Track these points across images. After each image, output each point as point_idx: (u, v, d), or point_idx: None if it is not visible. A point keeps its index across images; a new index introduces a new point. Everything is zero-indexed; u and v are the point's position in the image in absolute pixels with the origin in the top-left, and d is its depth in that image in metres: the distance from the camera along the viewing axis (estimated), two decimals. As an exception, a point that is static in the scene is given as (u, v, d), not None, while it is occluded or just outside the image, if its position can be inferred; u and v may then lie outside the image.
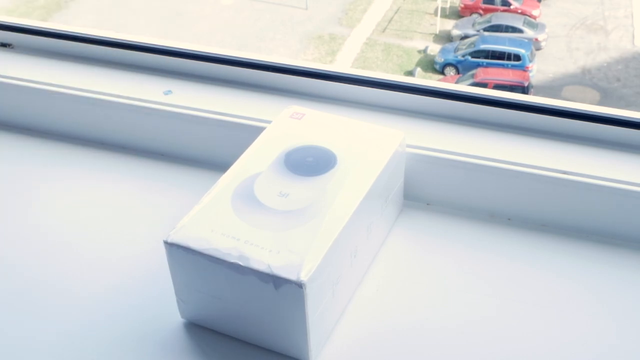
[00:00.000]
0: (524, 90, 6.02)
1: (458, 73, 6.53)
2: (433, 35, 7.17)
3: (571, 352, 0.50)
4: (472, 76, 6.26)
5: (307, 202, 0.50)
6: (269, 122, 0.61)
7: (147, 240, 0.59)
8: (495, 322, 0.52)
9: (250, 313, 0.49)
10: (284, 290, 0.45)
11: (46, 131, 0.73)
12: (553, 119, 0.63)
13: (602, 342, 0.51)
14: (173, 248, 0.48)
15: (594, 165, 0.59)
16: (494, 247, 0.59)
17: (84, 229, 0.61)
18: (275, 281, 0.45)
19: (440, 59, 6.69)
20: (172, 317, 0.53)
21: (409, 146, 0.61)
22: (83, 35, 0.74)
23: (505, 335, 0.51)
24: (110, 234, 0.61)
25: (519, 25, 6.88)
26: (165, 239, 0.48)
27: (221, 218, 0.49)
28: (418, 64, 6.76)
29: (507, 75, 6.27)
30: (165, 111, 0.67)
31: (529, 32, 6.82)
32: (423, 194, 0.63)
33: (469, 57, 6.53)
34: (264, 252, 0.46)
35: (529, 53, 6.42)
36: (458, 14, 7.44)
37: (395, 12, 7.51)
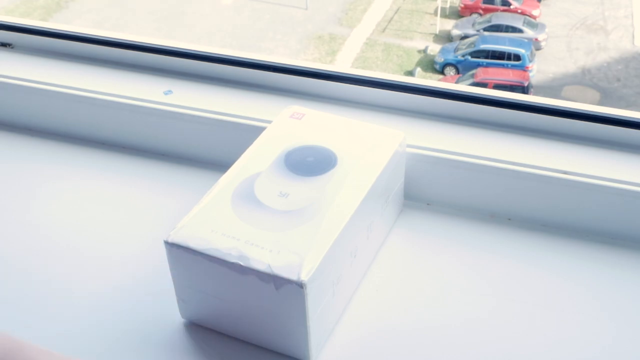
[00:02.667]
0: (524, 90, 6.02)
1: (458, 73, 6.53)
2: (433, 35, 7.17)
3: (571, 352, 0.50)
4: (472, 76, 6.26)
5: (307, 202, 0.50)
6: (269, 122, 0.61)
7: (147, 239, 0.59)
8: (495, 322, 0.52)
9: (251, 313, 0.49)
10: (284, 290, 0.45)
11: (46, 131, 0.73)
12: (553, 119, 0.63)
13: (602, 341, 0.51)
14: (173, 248, 0.48)
15: (594, 165, 0.59)
16: (494, 247, 0.59)
17: (84, 229, 0.61)
18: (276, 281, 0.45)
19: (440, 59, 6.69)
20: (173, 317, 0.53)
21: (409, 146, 0.61)
22: (83, 35, 0.74)
23: (505, 335, 0.51)
24: (111, 234, 0.61)
25: (519, 25, 6.88)
26: (165, 239, 0.48)
27: (221, 218, 0.49)
28: (418, 64, 6.76)
29: (507, 75, 6.27)
30: (165, 111, 0.67)
31: (529, 32, 6.82)
32: (423, 194, 0.63)
33: (469, 57, 6.53)
34: (264, 252, 0.46)
35: (529, 53, 6.42)
36: (458, 14, 7.44)
37: (395, 12, 7.51)
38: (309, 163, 0.54)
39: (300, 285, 0.45)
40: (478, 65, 6.44)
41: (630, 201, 0.57)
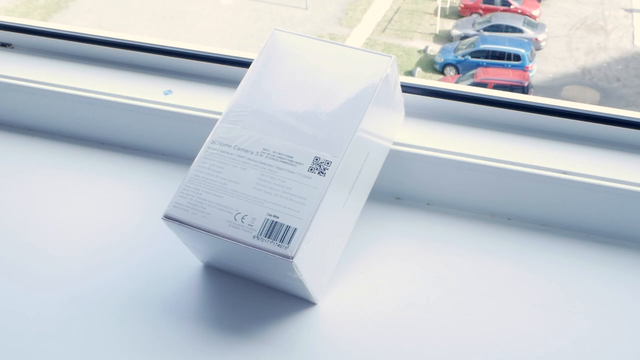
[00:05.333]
0: (524, 90, 6.01)
1: (458, 73, 6.53)
2: (433, 35, 7.16)
3: (571, 352, 0.50)
4: (472, 76, 6.25)
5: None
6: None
7: (149, 232, 0.59)
8: (494, 322, 0.52)
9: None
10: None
11: (46, 131, 0.73)
12: (553, 119, 0.63)
13: (602, 341, 0.51)
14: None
15: (594, 165, 0.59)
16: (494, 247, 0.59)
17: (84, 228, 0.61)
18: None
19: (440, 59, 6.68)
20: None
21: (408, 146, 0.61)
22: (83, 35, 0.74)
23: (504, 335, 0.51)
24: (111, 232, 0.61)
25: (519, 25, 6.87)
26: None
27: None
28: (418, 64, 6.75)
29: (507, 75, 6.26)
30: (165, 111, 0.67)
31: (529, 32, 6.81)
32: (423, 194, 0.63)
33: (469, 57, 6.52)
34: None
35: (529, 53, 6.41)
36: (458, 14, 7.44)
37: (395, 12, 7.50)
38: None
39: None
40: (478, 65, 6.43)
41: (630, 201, 0.57)
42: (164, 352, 0.51)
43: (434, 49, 6.94)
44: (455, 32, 7.13)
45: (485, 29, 6.99)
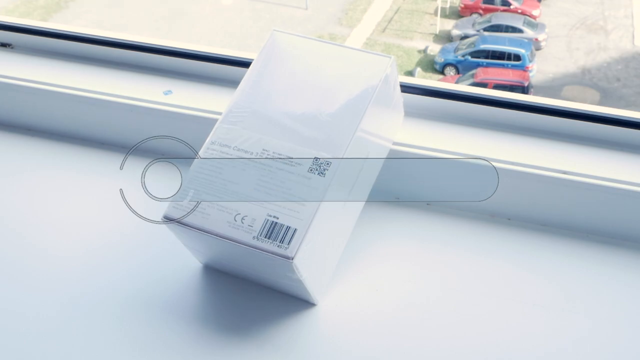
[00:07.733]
0: (524, 90, 6.01)
1: (458, 73, 6.53)
2: (433, 35, 7.16)
3: (571, 352, 0.50)
4: (472, 76, 6.25)
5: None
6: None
7: (149, 230, 0.59)
8: (494, 322, 0.52)
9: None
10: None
11: (46, 131, 0.73)
12: (553, 119, 0.63)
13: (602, 341, 0.51)
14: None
15: (594, 165, 0.59)
16: (494, 247, 0.59)
17: (84, 228, 0.61)
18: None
19: (440, 59, 6.68)
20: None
21: (408, 146, 0.61)
22: (83, 35, 0.74)
23: (504, 335, 0.51)
24: (111, 232, 0.61)
25: (519, 25, 6.87)
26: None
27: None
28: (418, 64, 6.75)
29: (507, 75, 6.26)
30: (165, 111, 0.67)
31: (529, 32, 6.81)
32: (423, 194, 0.63)
33: (469, 57, 6.52)
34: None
35: (529, 53, 6.41)
36: (458, 14, 7.43)
37: (395, 12, 7.50)
38: None
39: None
40: (478, 65, 6.43)
41: (630, 201, 0.57)
42: (164, 352, 0.51)
43: (434, 49, 6.94)
44: (455, 32, 7.13)
45: (485, 29, 6.99)
